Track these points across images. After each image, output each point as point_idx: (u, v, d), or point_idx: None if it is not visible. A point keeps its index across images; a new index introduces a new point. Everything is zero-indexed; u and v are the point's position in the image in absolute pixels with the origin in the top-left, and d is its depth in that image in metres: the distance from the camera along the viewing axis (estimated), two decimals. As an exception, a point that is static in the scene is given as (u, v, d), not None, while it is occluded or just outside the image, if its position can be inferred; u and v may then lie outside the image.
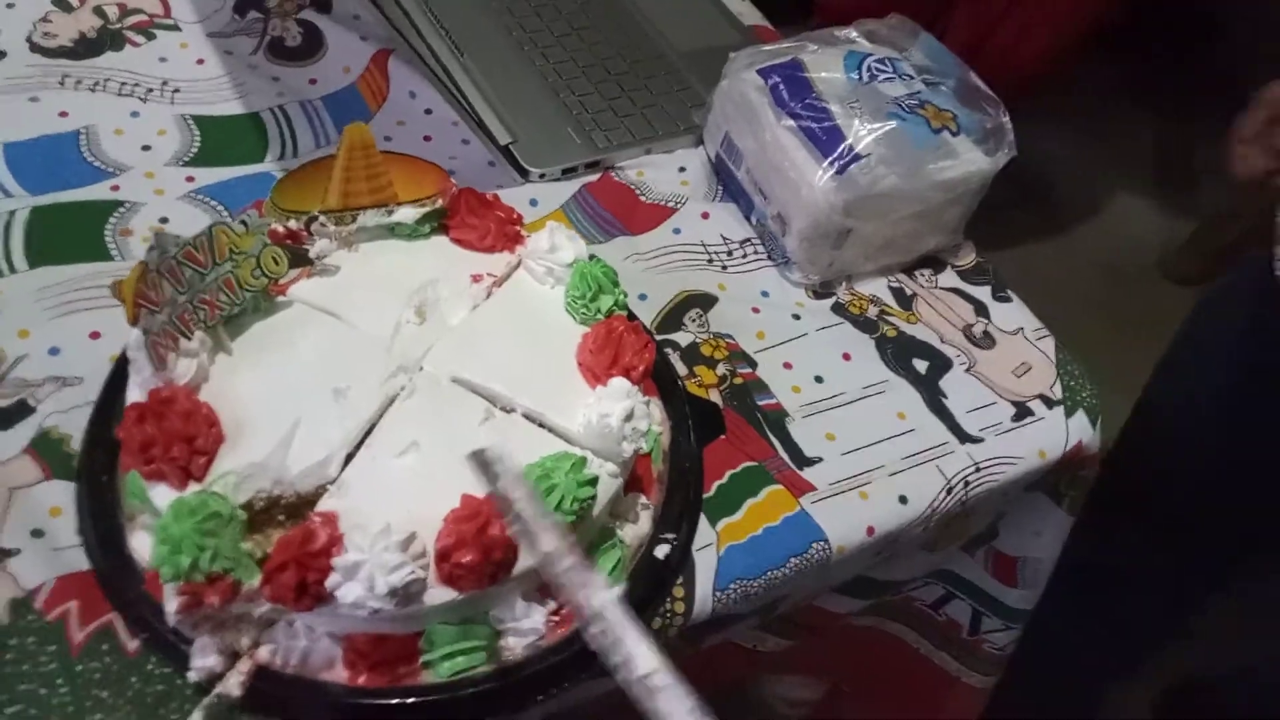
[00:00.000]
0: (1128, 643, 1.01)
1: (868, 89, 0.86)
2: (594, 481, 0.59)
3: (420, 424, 0.61)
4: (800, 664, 0.97)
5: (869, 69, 0.86)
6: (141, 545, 0.60)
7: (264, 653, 0.57)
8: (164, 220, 0.80)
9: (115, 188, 0.81)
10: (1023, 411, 0.84)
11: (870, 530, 0.74)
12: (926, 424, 0.81)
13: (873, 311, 0.88)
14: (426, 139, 0.92)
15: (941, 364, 0.85)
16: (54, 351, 0.70)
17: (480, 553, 0.54)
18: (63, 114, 0.85)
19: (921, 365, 0.85)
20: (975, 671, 0.97)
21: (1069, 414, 0.84)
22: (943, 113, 0.85)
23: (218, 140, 0.87)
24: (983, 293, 0.92)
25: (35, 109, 0.84)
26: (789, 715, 1.06)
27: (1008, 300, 0.92)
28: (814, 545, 0.72)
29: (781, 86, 0.86)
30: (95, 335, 0.71)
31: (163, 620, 0.56)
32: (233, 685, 0.56)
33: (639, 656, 0.49)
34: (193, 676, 0.56)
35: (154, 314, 0.57)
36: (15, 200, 0.78)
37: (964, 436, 0.81)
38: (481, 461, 0.54)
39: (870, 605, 0.88)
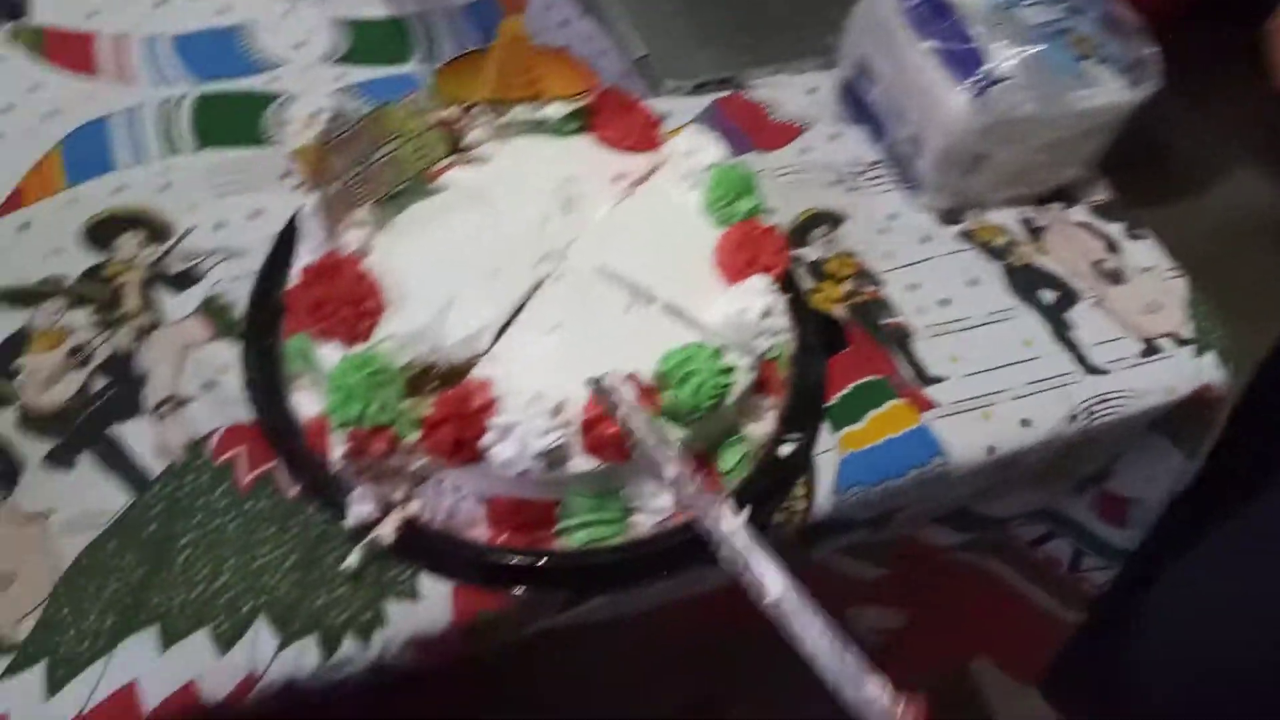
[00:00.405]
0: (1228, 590, 1.00)
1: (1009, 13, 0.84)
2: (731, 370, 0.61)
3: (566, 308, 0.64)
4: (889, 594, 0.98)
5: (1013, -5, 0.85)
6: (301, 403, 0.64)
7: (415, 506, 0.60)
8: (317, 113, 0.83)
9: (273, 80, 0.85)
10: (1151, 348, 0.83)
11: (991, 450, 0.74)
12: (1052, 353, 0.80)
13: (1001, 240, 0.87)
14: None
15: (1069, 296, 0.85)
16: (219, 226, 0.75)
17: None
18: (223, 11, 0.89)
19: (1049, 296, 0.84)
20: (1069, 607, 0.97)
21: (1199, 354, 0.83)
22: (1086, 39, 0.83)
23: (365, 42, 0.90)
24: (1115, 229, 0.90)
25: (199, 5, 0.89)
26: (869, 641, 1.07)
27: (1141, 238, 0.90)
28: (934, 460, 0.73)
29: (921, 6, 0.85)
30: (257, 213, 0.75)
31: (321, 470, 0.61)
32: (387, 531, 0.60)
33: (768, 581, 0.51)
34: (349, 522, 0.60)
35: (328, 184, 0.60)
36: (183, 87, 0.83)
37: (1090, 368, 0.80)
38: (599, 390, 0.56)
39: (969, 539, 0.89)
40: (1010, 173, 0.87)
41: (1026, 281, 0.85)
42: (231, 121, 0.81)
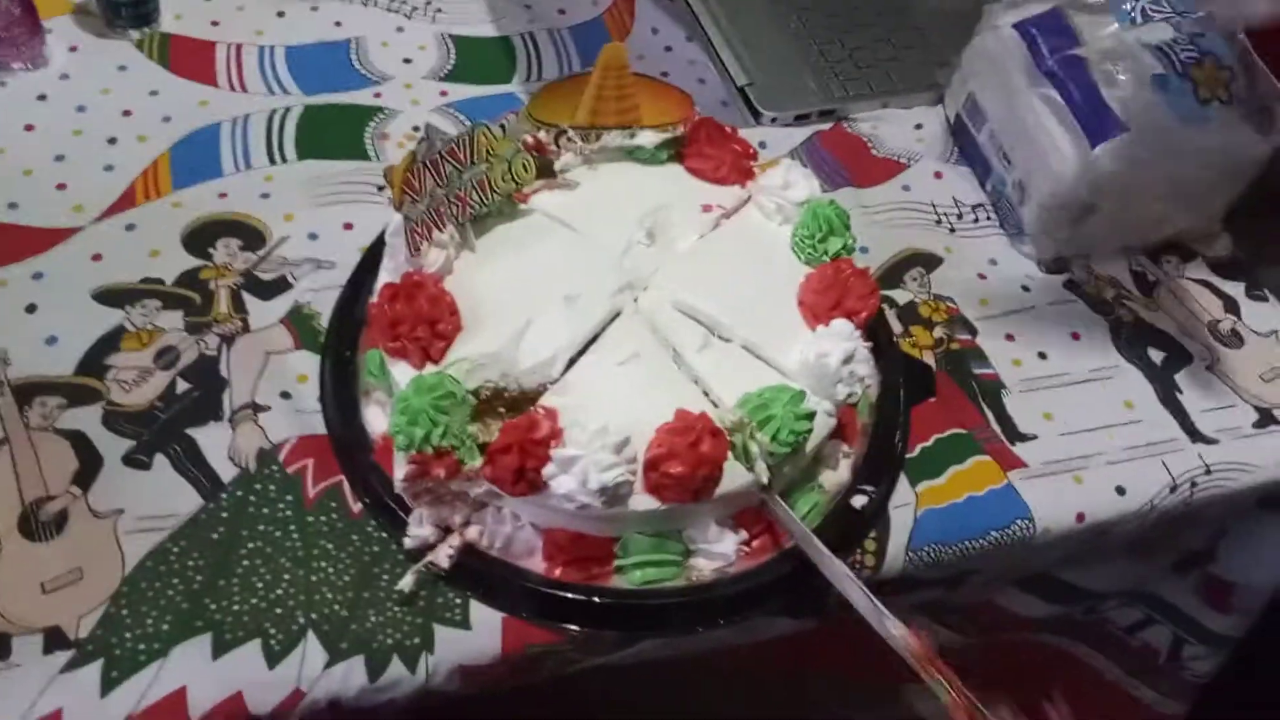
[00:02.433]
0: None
1: (1136, 39, 0.78)
2: (811, 416, 0.58)
3: (640, 340, 0.63)
4: (965, 669, 0.93)
5: (1142, 10, 0.79)
6: (373, 418, 0.65)
7: (472, 532, 0.60)
8: (416, 129, 0.85)
9: (377, 95, 0.86)
10: (1266, 418, 0.77)
11: (1080, 517, 0.70)
12: (1156, 417, 0.76)
13: (1110, 293, 0.83)
14: (663, 75, 0.93)
15: (1180, 357, 0.79)
16: (313, 236, 0.76)
17: (688, 466, 0.55)
18: (338, 23, 0.91)
19: (1157, 355, 0.79)
20: (1170, 699, 0.90)
21: (1320, 429, 0.77)
22: (1220, 71, 0.78)
23: (471, 59, 0.91)
24: (1235, 288, 0.85)
25: (315, 17, 0.91)
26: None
27: (1263, 300, 0.84)
28: (1017, 522, 0.69)
29: (1040, 40, 0.80)
30: (349, 226, 0.77)
31: (386, 488, 0.61)
32: (442, 556, 0.59)
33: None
34: (408, 543, 0.60)
35: (415, 203, 0.61)
36: (291, 98, 0.85)
37: (1196, 435, 0.75)
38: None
39: (1057, 616, 0.84)
40: (1123, 224, 0.82)
41: (1134, 338, 0.80)
42: (334, 134, 0.83)
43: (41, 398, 0.65)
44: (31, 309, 0.69)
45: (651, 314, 0.64)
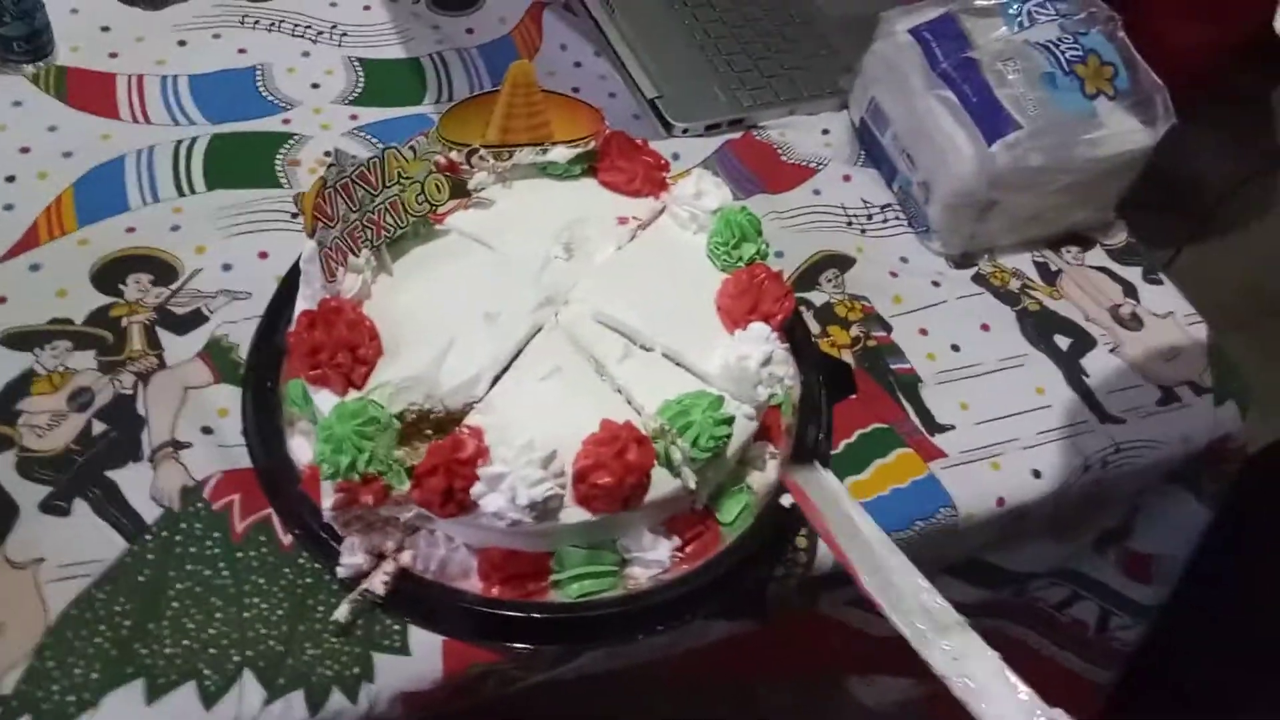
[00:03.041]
0: (1262, 649, 0.97)
1: (1024, 39, 0.82)
2: (730, 421, 0.59)
3: (562, 354, 0.63)
4: (905, 661, 0.95)
5: (1028, 13, 0.83)
6: (299, 448, 0.64)
7: (406, 556, 0.60)
8: (328, 154, 0.84)
9: (286, 121, 0.86)
10: (1169, 396, 0.81)
11: (1000, 501, 0.73)
12: (1065, 400, 0.79)
13: (1015, 284, 0.86)
14: (575, 90, 0.94)
15: (1085, 342, 0.83)
16: (226, 268, 0.75)
17: (616, 476, 0.55)
18: (241, 50, 0.90)
19: (1063, 342, 0.83)
20: (1100, 668, 0.94)
21: (1218, 403, 0.81)
22: (1103, 67, 0.81)
23: (380, 82, 0.91)
24: (1133, 273, 0.89)
25: (218, 45, 0.90)
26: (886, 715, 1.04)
27: (1159, 283, 0.89)
28: (941, 510, 0.71)
29: (934, 44, 0.83)
30: (263, 255, 0.76)
31: (316, 518, 0.60)
32: (377, 584, 0.59)
33: None
34: (341, 573, 0.60)
35: (328, 228, 0.60)
36: (197, 128, 0.83)
37: (1105, 416, 0.78)
38: None
39: (990, 600, 0.87)
40: (1023, 217, 0.85)
41: (1040, 327, 0.83)
42: (243, 162, 0.82)
43: (-51, 448, 0.63)
44: (-65, 356, 0.67)
45: (572, 328, 0.64)
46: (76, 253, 0.73)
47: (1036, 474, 0.74)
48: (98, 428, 0.65)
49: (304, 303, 0.63)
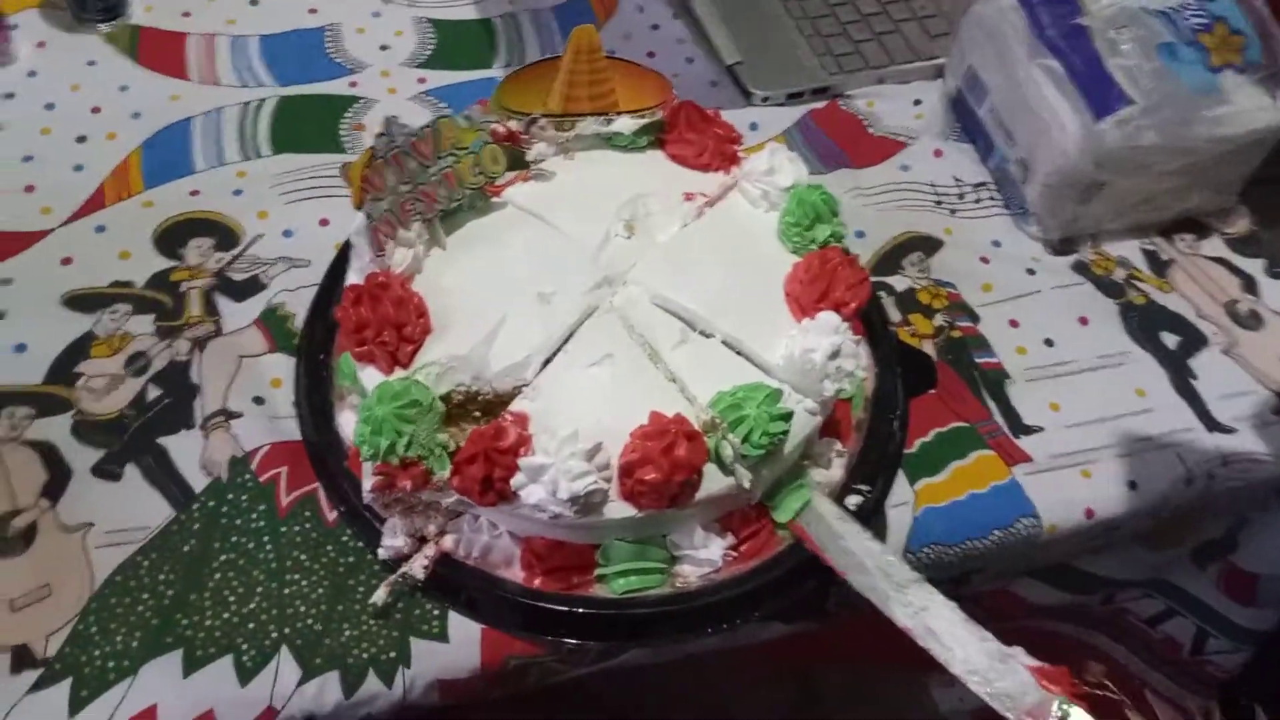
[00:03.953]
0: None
1: (1141, 5, 0.74)
2: (788, 417, 0.55)
3: (616, 338, 0.60)
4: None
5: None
6: (347, 424, 0.63)
7: (448, 541, 0.58)
8: (393, 118, 0.82)
9: (353, 84, 0.84)
10: (1287, 404, 0.73)
11: (1089, 513, 0.67)
12: (1169, 405, 0.72)
13: (1119, 274, 0.79)
14: (650, 54, 0.90)
15: (1195, 340, 0.76)
16: (287, 234, 0.74)
17: (663, 473, 0.52)
18: (312, 10, 0.89)
19: (1171, 340, 0.76)
20: (1194, 693, 0.87)
21: (1344, 413, 0.73)
22: (1232, 37, 0.73)
23: (450, 44, 0.88)
24: (1254, 266, 0.81)
25: (289, 4, 0.89)
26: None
27: (1284, 277, 0.80)
28: (1021, 520, 0.66)
29: (1040, 8, 0.76)
30: (324, 222, 0.74)
31: (359, 496, 0.59)
32: (417, 568, 0.57)
33: None
34: (382, 554, 0.58)
35: (377, 200, 0.58)
36: (264, 90, 0.82)
37: (1213, 424, 0.71)
38: None
39: (1071, 604, 0.81)
40: (1132, 201, 0.78)
41: (1146, 322, 0.76)
42: (308, 126, 0.81)
43: (10, 408, 0.63)
44: (1, 315, 0.67)
45: (626, 311, 0.61)
46: (141, 215, 0.73)
47: (1132, 485, 0.68)
48: (152, 393, 0.65)
49: (354, 276, 0.61)
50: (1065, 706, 0.49)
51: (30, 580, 0.57)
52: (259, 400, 0.65)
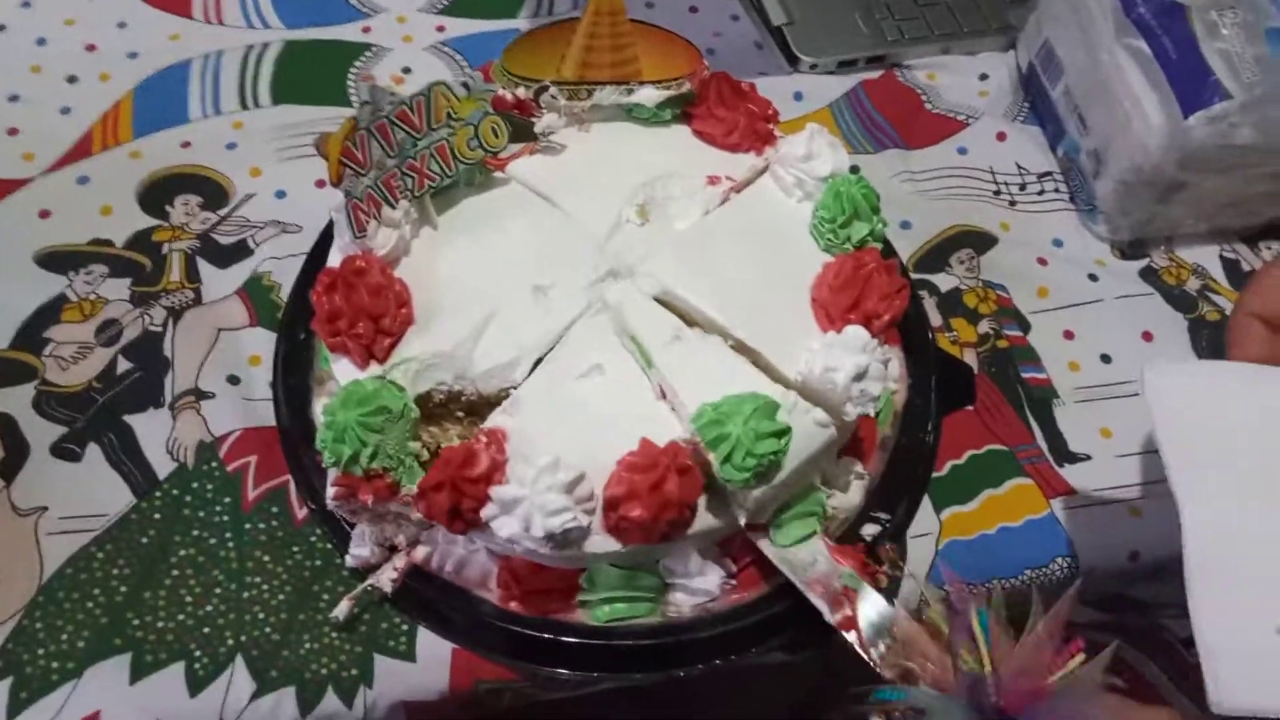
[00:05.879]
0: None
1: None
2: (782, 434, 0.49)
3: (608, 344, 0.54)
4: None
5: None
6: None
7: (420, 553, 0.53)
8: (406, 70, 0.76)
9: (366, 29, 0.78)
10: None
11: (1134, 555, 0.61)
12: (1237, 439, 0.64)
13: (1193, 285, 0.71)
14: (692, 10, 0.82)
15: (1274, 366, 0.68)
16: (280, 195, 0.69)
17: (650, 511, 0.46)
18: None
19: (1245, 364, 0.67)
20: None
21: None
22: None
23: (475, -12, 0.81)
24: (1350, 283, 0.72)
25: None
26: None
27: (1384, 298, 0.71)
28: (1057, 560, 0.60)
29: (1133, -14, 0.67)
30: (320, 184, 0.69)
31: (330, 496, 0.54)
32: (385, 580, 0.53)
33: None
34: (349, 563, 0.54)
35: (359, 176, 0.52)
36: (270, 32, 0.76)
37: (1285, 464, 0.64)
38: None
39: (1107, 621, 0.75)
40: (1217, 204, 0.70)
41: (1217, 341, 0.68)
42: (314, 75, 0.75)
43: (-29, 375, 0.60)
44: (-30, 272, 0.63)
45: (622, 311, 0.54)
46: (127, 166, 0.69)
47: (1186, 528, 0.61)
48: (122, 365, 0.61)
49: (334, 257, 0.55)
50: (851, 579, 0.50)
51: (-26, 569, 0.54)
52: (234, 380, 0.61)
